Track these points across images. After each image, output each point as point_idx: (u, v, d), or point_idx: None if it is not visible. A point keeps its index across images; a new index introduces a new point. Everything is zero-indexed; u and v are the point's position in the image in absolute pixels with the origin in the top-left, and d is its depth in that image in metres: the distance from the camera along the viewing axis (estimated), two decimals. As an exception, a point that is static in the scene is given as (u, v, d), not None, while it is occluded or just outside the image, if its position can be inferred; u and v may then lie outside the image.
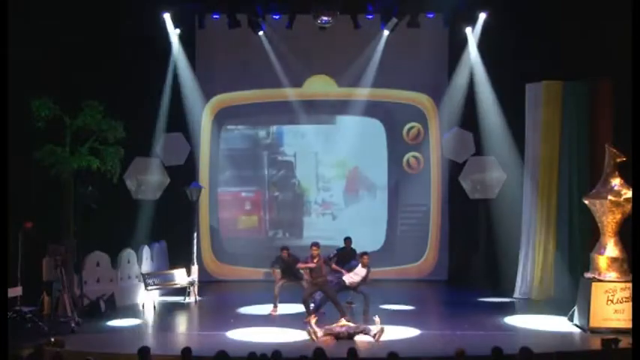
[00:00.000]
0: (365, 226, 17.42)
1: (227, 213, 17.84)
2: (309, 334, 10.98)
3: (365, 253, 13.10)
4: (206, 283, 15.89)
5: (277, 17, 16.71)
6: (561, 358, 8.47)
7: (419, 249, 17.61)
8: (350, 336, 11.06)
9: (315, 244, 12.67)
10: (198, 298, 14.70)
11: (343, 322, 11.46)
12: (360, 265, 12.95)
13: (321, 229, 17.47)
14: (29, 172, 13.53)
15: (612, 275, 11.81)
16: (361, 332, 11.06)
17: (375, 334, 10.96)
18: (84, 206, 14.41)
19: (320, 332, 10.91)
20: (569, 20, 14.30)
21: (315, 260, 12.46)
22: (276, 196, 17.93)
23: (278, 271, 13.36)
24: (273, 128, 17.97)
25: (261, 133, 17.99)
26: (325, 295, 12.52)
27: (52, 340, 10.30)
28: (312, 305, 12.59)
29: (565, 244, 14.36)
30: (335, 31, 15.98)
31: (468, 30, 16.62)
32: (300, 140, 17.93)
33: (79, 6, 14.53)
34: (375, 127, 17.75)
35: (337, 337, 11.09)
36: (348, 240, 14.32)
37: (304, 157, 17.93)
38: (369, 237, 17.46)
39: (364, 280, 12.92)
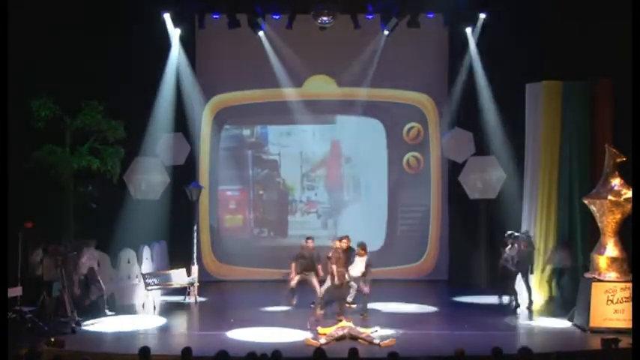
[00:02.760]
0: (364, 225, 17.41)
1: (225, 212, 17.86)
2: (309, 342, 10.84)
3: (359, 245, 13.10)
4: (206, 283, 15.89)
5: (277, 17, 16.69)
6: (561, 358, 8.45)
7: (419, 249, 17.61)
8: (352, 337, 11.01)
9: (345, 237, 12.82)
10: (198, 298, 14.70)
11: (343, 322, 11.43)
12: (357, 257, 12.97)
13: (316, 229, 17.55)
14: (29, 172, 13.53)
15: (612, 275, 11.82)
16: (364, 339, 10.96)
17: (379, 343, 10.83)
18: (84, 206, 14.43)
19: (322, 341, 10.80)
20: (569, 20, 14.31)
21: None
22: (261, 194, 17.88)
23: (295, 264, 13.39)
24: (272, 128, 17.96)
25: (259, 132, 17.98)
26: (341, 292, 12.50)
27: (52, 340, 10.29)
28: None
29: (565, 244, 14.34)
30: (335, 31, 15.97)
31: (468, 30, 16.62)
32: (299, 140, 17.90)
33: (79, 6, 14.54)
34: (375, 127, 17.74)
35: (339, 339, 11.04)
36: (346, 239, 14.28)
37: (304, 156, 17.92)
38: (368, 237, 17.47)
39: (366, 270, 12.88)
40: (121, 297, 14.23)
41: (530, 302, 13.68)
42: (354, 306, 13.59)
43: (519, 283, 13.92)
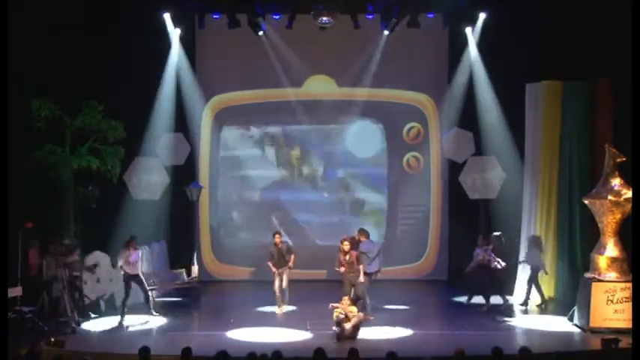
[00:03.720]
0: (364, 226, 17.39)
1: (225, 212, 17.85)
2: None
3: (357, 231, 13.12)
4: (206, 283, 15.88)
5: (277, 17, 16.69)
6: (561, 358, 8.46)
7: (419, 249, 17.60)
8: (340, 333, 11.08)
9: (345, 239, 12.84)
10: (198, 298, 14.68)
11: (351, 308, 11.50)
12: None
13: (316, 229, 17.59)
14: (29, 172, 13.54)
15: (612, 275, 11.82)
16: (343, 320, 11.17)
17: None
18: (84, 206, 14.43)
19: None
20: (569, 20, 14.30)
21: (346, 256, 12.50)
22: (261, 194, 17.87)
23: (271, 263, 13.45)
24: (272, 128, 17.96)
25: (260, 132, 17.97)
26: (355, 291, 12.49)
27: (52, 340, 10.30)
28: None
29: (565, 244, 14.36)
30: (335, 31, 15.96)
31: (468, 30, 16.61)
32: (299, 140, 17.89)
33: (79, 6, 14.54)
34: (375, 127, 17.75)
35: (338, 337, 11.07)
36: (347, 240, 14.25)
37: (304, 156, 17.91)
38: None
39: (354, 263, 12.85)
40: (122, 297, 14.19)
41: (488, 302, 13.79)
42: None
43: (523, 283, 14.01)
